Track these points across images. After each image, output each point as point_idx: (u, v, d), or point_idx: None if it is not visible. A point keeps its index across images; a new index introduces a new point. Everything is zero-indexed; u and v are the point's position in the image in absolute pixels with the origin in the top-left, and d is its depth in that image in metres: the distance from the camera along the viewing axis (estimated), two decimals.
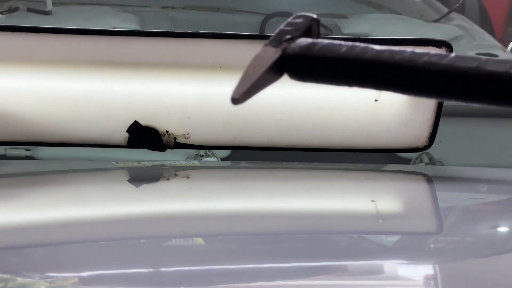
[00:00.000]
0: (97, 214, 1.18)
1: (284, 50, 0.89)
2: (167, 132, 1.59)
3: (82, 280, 0.87)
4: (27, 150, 1.79)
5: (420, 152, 1.84)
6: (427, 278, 0.91)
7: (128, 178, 1.61)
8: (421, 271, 0.95)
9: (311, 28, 0.94)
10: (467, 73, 0.81)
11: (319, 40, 0.89)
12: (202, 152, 1.78)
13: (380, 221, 1.22)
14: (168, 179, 1.59)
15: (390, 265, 0.97)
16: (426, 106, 1.57)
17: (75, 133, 1.57)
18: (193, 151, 1.78)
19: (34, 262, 0.94)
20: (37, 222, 1.12)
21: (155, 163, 1.68)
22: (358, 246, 1.05)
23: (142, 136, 1.58)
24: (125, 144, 1.59)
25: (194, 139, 1.59)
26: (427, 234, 1.15)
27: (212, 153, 1.77)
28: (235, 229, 1.08)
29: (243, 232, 1.07)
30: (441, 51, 1.50)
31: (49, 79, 1.54)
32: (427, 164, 1.81)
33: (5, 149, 1.77)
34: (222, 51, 1.53)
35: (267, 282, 0.89)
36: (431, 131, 1.59)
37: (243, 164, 1.67)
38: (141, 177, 1.59)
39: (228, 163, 1.75)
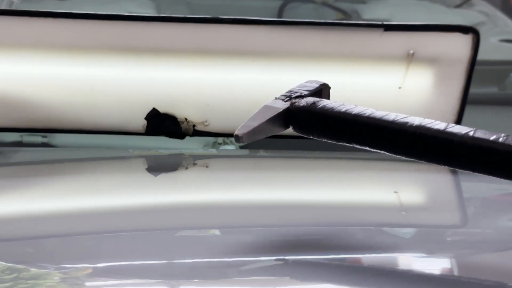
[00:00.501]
0: (113, 204, 1.16)
1: (292, 104, 0.99)
2: (186, 119, 1.56)
3: (96, 271, 0.86)
4: (43, 137, 1.78)
5: None
6: (451, 272, 0.89)
7: (146, 167, 1.59)
8: (444, 265, 0.93)
9: (321, 91, 1.06)
10: (455, 141, 0.87)
11: (325, 100, 0.99)
12: (220, 139, 1.76)
13: (403, 213, 1.20)
14: (186, 168, 1.57)
15: (413, 259, 0.95)
16: (451, 94, 1.54)
17: (92, 120, 1.55)
18: (211, 139, 1.76)
19: (48, 253, 0.93)
20: (52, 212, 1.11)
21: (173, 151, 1.66)
22: (380, 239, 1.03)
23: (161, 123, 1.55)
24: (143, 132, 1.56)
25: (213, 127, 1.57)
26: (451, 227, 1.12)
27: (230, 141, 1.75)
28: (254, 220, 1.06)
29: (262, 224, 1.04)
30: (468, 37, 1.48)
31: (66, 65, 1.52)
32: None
33: (21, 136, 1.76)
34: (242, 37, 1.52)
35: (287, 275, 0.87)
36: (455, 119, 1.55)
37: (262, 152, 1.65)
38: (159, 166, 1.57)
39: (246, 151, 1.73)
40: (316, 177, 1.35)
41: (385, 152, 0.94)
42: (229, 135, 1.61)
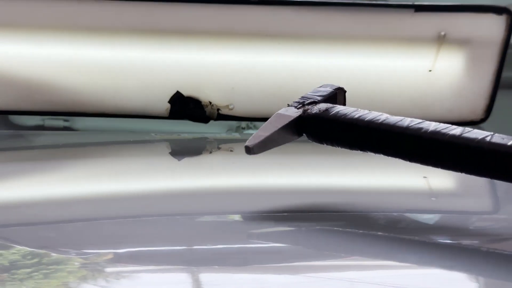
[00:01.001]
0: (136, 188, 1.14)
1: (304, 111, 0.95)
2: (210, 103, 1.54)
3: (117, 257, 0.84)
4: (65, 121, 1.76)
5: (471, 127, 1.79)
6: (481, 260, 0.86)
7: (170, 151, 1.57)
8: (475, 252, 0.90)
9: (336, 96, 1.00)
10: (472, 146, 0.84)
11: (338, 106, 0.95)
12: (243, 124, 1.74)
13: (433, 199, 1.18)
14: (211, 152, 1.54)
15: (443, 245, 0.92)
16: (483, 76, 1.52)
17: (115, 103, 1.54)
18: (234, 124, 1.74)
19: (69, 237, 0.91)
20: (74, 196, 1.08)
21: (195, 135, 1.63)
22: (410, 225, 1.00)
23: (185, 107, 1.53)
24: (167, 115, 1.54)
25: (238, 111, 1.55)
26: (483, 214, 1.10)
27: (254, 125, 1.74)
28: (279, 205, 1.03)
29: (287, 209, 1.02)
30: (501, 18, 1.45)
31: (89, 47, 1.51)
32: None
33: (43, 120, 1.75)
34: (268, 18, 1.49)
35: (317, 261, 0.85)
36: (487, 104, 1.52)
37: None
38: (183, 150, 1.54)
39: None
40: (343, 162, 1.32)
41: (401, 159, 0.91)
42: (253, 119, 1.59)
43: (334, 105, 0.95)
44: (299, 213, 0.99)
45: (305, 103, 0.97)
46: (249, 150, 0.91)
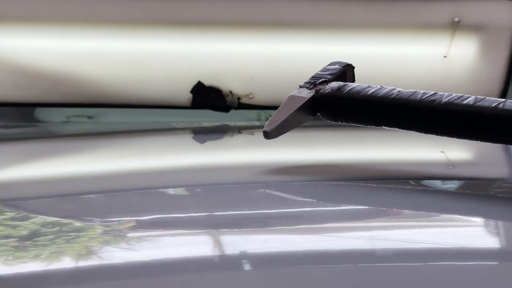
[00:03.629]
0: (159, 165, 1.13)
1: (317, 91, 0.95)
2: (231, 92, 1.54)
3: (139, 224, 0.83)
4: (89, 117, 1.79)
5: None
6: (498, 224, 0.86)
7: (193, 135, 1.55)
8: (491, 217, 0.90)
9: (345, 73, 1.01)
10: (485, 114, 0.83)
11: (350, 83, 0.94)
12: (263, 115, 1.75)
13: (450, 167, 1.18)
14: (232, 136, 1.53)
15: (460, 211, 0.93)
16: (497, 61, 1.50)
17: (139, 94, 1.54)
18: (253, 115, 1.75)
19: (92, 208, 0.91)
20: (99, 172, 1.08)
21: (216, 123, 1.63)
22: (428, 190, 1.00)
23: (206, 96, 1.54)
24: (189, 105, 1.55)
25: (258, 99, 1.55)
26: (500, 180, 1.09)
27: None
28: (300, 175, 1.04)
29: (308, 179, 1.02)
30: None
31: (113, 40, 1.52)
32: None
33: (68, 117, 1.77)
34: (286, 8, 1.49)
35: (336, 222, 0.85)
36: (502, 88, 1.51)
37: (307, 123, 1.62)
38: (205, 135, 1.53)
39: None
40: (360, 137, 1.32)
41: (416, 132, 0.90)
42: (273, 107, 1.53)
43: (346, 83, 0.94)
44: (319, 182, 0.99)
45: (317, 83, 0.96)
46: (267, 135, 0.92)
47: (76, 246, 0.75)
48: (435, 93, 0.88)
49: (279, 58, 1.53)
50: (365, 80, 1.57)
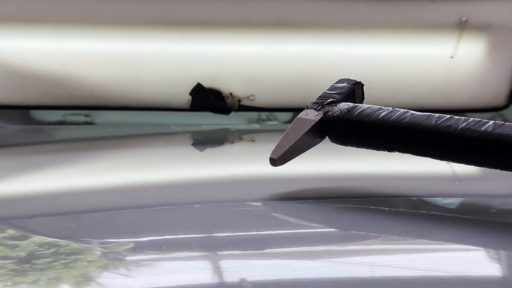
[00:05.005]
0: (158, 178, 1.13)
1: (325, 113, 0.91)
2: (231, 94, 1.53)
3: (138, 245, 0.83)
4: (86, 116, 1.78)
5: (493, 114, 1.77)
6: (506, 242, 0.84)
7: (192, 142, 1.56)
8: (500, 234, 0.88)
9: (354, 92, 0.96)
10: (505, 141, 0.80)
11: (360, 105, 0.90)
12: (264, 116, 1.74)
13: (457, 183, 1.16)
14: (233, 142, 1.53)
15: (467, 228, 0.91)
16: (505, 62, 1.50)
17: (136, 96, 1.54)
18: (254, 116, 1.73)
19: (90, 227, 0.90)
20: (95, 187, 1.08)
21: (216, 127, 1.63)
22: (433, 208, 0.98)
23: (206, 98, 1.53)
24: (188, 108, 1.54)
25: (259, 101, 1.55)
26: (507, 197, 1.07)
27: (274, 117, 1.73)
28: (301, 192, 1.02)
29: (309, 195, 1.00)
30: None
31: (110, 40, 1.51)
32: None
33: (65, 115, 1.75)
34: (287, 8, 1.49)
35: (337, 245, 0.83)
36: (510, 89, 1.51)
37: None
38: (204, 141, 1.53)
39: None
40: (365, 150, 1.30)
41: (430, 158, 0.87)
42: (275, 109, 1.58)
43: (356, 105, 0.91)
44: (320, 200, 0.97)
45: (325, 103, 0.92)
46: (274, 162, 0.88)
47: (75, 271, 0.74)
48: (450, 117, 0.84)
49: (280, 59, 1.53)
50: (370, 82, 1.57)
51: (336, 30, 1.51)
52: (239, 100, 1.54)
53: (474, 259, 0.79)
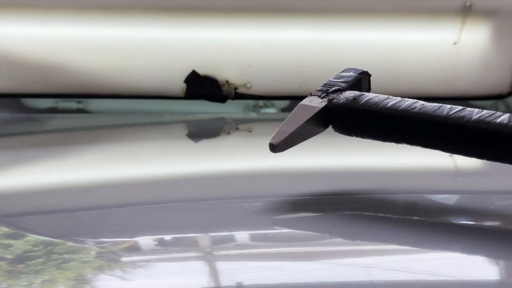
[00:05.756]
0: (153, 174, 1.12)
1: (330, 101, 0.88)
2: (227, 81, 1.52)
3: (133, 245, 0.82)
4: (78, 102, 1.74)
5: (495, 100, 1.77)
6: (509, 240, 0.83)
7: (187, 132, 1.55)
8: (503, 232, 0.86)
9: (361, 81, 0.93)
10: None
11: (367, 93, 0.88)
12: (261, 102, 1.73)
13: (459, 178, 1.14)
14: (229, 133, 1.53)
15: (471, 225, 0.88)
16: (510, 48, 1.49)
17: (129, 84, 1.52)
18: (251, 102, 1.72)
19: (84, 226, 0.89)
20: (89, 183, 1.07)
21: (212, 115, 1.61)
22: (434, 206, 0.96)
23: (201, 86, 1.52)
24: (183, 96, 1.53)
25: (256, 89, 1.53)
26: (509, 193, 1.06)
27: (271, 103, 1.72)
28: (300, 189, 1.00)
29: (309, 193, 0.98)
30: None
31: (102, 26, 1.49)
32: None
33: (56, 102, 1.74)
34: None
35: (334, 246, 0.82)
36: None
37: None
38: (200, 131, 1.53)
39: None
40: (366, 142, 1.29)
41: (440, 151, 0.84)
42: (272, 97, 1.56)
43: (362, 93, 0.88)
44: (320, 197, 0.96)
45: (330, 91, 0.89)
46: (274, 148, 0.85)
47: (68, 273, 0.74)
48: (463, 109, 0.81)
49: (278, 46, 1.51)
50: (370, 69, 1.55)
51: (336, 16, 1.50)
52: (236, 88, 1.53)
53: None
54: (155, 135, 1.48)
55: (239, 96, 1.53)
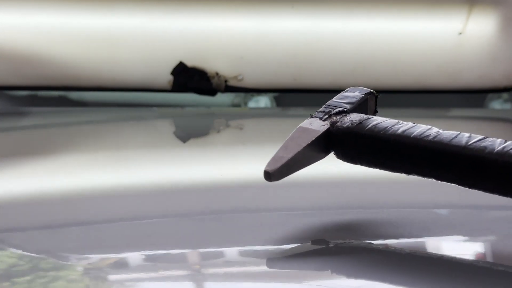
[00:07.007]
0: (139, 182, 1.09)
1: (333, 124, 0.82)
2: (217, 74, 1.49)
3: (122, 261, 0.79)
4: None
5: (500, 93, 1.75)
6: None
7: (174, 130, 1.53)
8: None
9: (367, 102, 0.87)
10: None
11: (374, 117, 0.82)
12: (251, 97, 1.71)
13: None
14: (219, 131, 1.50)
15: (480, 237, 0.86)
16: None
17: (113, 76, 1.50)
18: (242, 95, 1.70)
19: (68, 241, 0.85)
20: (70, 192, 1.04)
21: (200, 109, 1.58)
22: (438, 217, 0.93)
23: (189, 78, 1.49)
24: (170, 89, 1.50)
25: (248, 82, 1.50)
26: None
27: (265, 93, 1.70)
28: (296, 200, 0.97)
29: (305, 206, 0.95)
30: None
31: (84, 15, 1.46)
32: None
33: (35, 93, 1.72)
34: None
35: (326, 262, 0.78)
36: None
37: (302, 111, 1.57)
38: (188, 129, 1.50)
39: (281, 110, 1.65)
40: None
41: (457, 185, 0.77)
42: (264, 90, 1.55)
43: (369, 116, 0.83)
44: (316, 210, 0.94)
45: (332, 113, 0.83)
46: (269, 176, 0.79)
47: None
48: (484, 138, 0.75)
49: (271, 36, 1.48)
50: (369, 61, 1.49)
51: (333, 4, 1.47)
52: (226, 81, 1.50)
53: None
54: (140, 135, 1.46)
55: (229, 89, 1.51)
